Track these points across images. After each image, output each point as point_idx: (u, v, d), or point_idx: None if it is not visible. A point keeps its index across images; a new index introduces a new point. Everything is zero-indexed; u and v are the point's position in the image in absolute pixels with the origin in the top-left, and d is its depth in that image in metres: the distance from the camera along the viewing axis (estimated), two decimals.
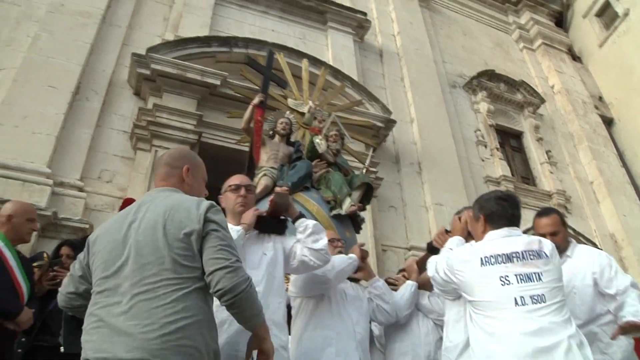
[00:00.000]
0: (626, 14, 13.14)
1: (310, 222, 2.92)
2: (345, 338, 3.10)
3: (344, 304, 3.28)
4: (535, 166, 10.93)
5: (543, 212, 3.45)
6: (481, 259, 2.43)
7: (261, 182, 5.31)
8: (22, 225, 3.39)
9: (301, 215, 2.97)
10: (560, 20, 15.00)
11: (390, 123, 8.62)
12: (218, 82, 7.21)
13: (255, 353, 2.07)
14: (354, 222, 5.44)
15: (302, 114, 6.42)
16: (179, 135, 6.74)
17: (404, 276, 3.85)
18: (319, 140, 5.73)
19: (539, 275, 2.33)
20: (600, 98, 13.56)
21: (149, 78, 7.03)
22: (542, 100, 11.98)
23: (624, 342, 2.91)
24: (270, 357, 2.00)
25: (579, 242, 6.66)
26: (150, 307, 1.73)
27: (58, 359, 3.43)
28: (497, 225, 2.58)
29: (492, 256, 2.41)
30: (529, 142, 11.29)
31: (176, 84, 7.05)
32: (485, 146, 10.49)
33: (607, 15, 13.93)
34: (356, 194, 5.54)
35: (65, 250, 3.77)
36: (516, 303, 2.26)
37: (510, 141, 11.32)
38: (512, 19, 14.31)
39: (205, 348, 1.77)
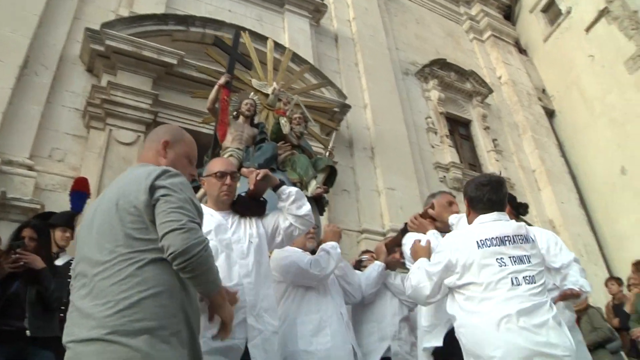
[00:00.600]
0: (569, 12, 13.69)
1: (293, 189, 2.91)
2: (336, 320, 3.20)
3: (330, 287, 3.41)
4: (482, 154, 11.33)
5: None
6: (477, 242, 2.49)
7: None
8: None
9: (282, 183, 2.94)
10: (509, 14, 15.48)
11: (345, 108, 8.73)
12: (175, 62, 7.07)
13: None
14: (318, 204, 5.53)
15: (266, 95, 6.43)
16: (134, 114, 6.60)
17: (372, 257, 3.99)
18: (283, 122, 5.77)
19: (528, 258, 2.46)
20: (544, 90, 14.13)
21: (103, 55, 6.83)
22: (490, 91, 12.39)
23: (568, 315, 3.14)
24: (228, 325, 1.98)
25: None
26: (107, 285, 1.70)
27: (23, 343, 3.37)
28: (477, 210, 2.66)
29: (486, 239, 2.48)
30: (477, 131, 11.67)
31: (131, 61, 6.87)
32: (436, 133, 10.78)
33: (552, 12, 14.46)
34: (321, 177, 5.64)
35: (27, 232, 3.65)
36: (512, 283, 2.36)
37: (459, 129, 11.66)
38: (464, 10, 14.65)
39: (168, 319, 1.70)
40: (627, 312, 6.44)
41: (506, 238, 2.49)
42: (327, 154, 6.75)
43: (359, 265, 4.45)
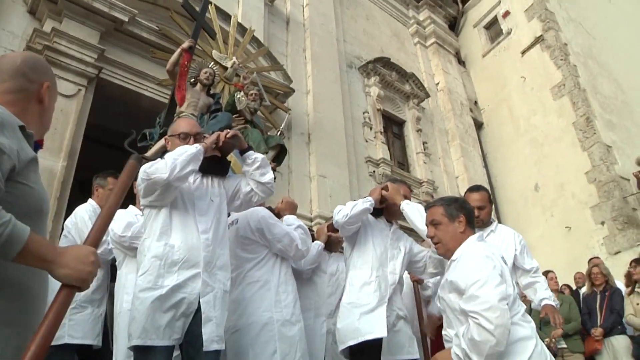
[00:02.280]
0: (509, 33, 14.51)
1: (259, 156, 2.94)
2: (296, 292, 3.36)
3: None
4: (411, 154, 11.80)
5: (474, 188, 3.81)
6: (502, 257, 2.58)
7: None
8: None
9: (250, 148, 2.97)
10: (454, 24, 16.10)
11: (288, 91, 8.84)
12: (126, 19, 6.87)
13: None
14: None
15: (225, 68, 6.44)
16: (77, 66, 6.36)
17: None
18: (240, 96, 5.82)
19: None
20: (476, 102, 14.86)
21: None
22: (427, 95, 12.87)
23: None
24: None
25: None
26: None
27: None
28: (472, 228, 2.73)
29: (501, 257, 2.58)
30: (409, 132, 12.12)
31: (80, 11, 6.59)
32: (371, 128, 11.10)
33: (494, 30, 15.25)
34: (271, 154, 5.75)
35: None
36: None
37: (393, 127, 12.06)
38: (412, 14, 15.08)
39: None
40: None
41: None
42: (278, 133, 6.86)
43: None
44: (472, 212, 2.80)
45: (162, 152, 2.93)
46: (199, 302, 2.51)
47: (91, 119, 6.43)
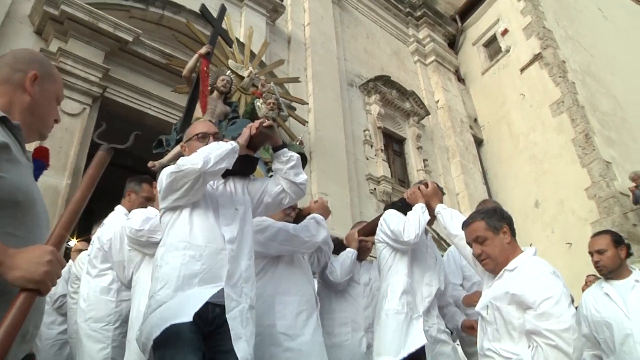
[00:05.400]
0: (508, 51, 14.68)
1: (294, 154, 2.67)
2: (311, 302, 3.05)
3: (308, 270, 3.25)
4: (412, 171, 11.86)
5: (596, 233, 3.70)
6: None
7: None
8: None
9: (284, 145, 2.70)
10: (454, 42, 16.27)
11: (289, 109, 8.93)
12: (130, 39, 7.04)
13: None
14: None
15: (241, 77, 6.43)
16: (82, 85, 6.51)
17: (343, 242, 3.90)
18: (259, 104, 5.83)
19: None
20: (475, 120, 14.96)
21: (56, 19, 6.69)
22: (427, 113, 12.98)
23: None
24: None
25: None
26: None
27: None
28: (514, 236, 2.61)
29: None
30: (410, 149, 12.20)
31: (86, 31, 6.77)
32: (372, 146, 11.19)
33: (493, 48, 15.42)
34: None
35: None
36: None
37: (393, 145, 12.14)
38: (412, 32, 15.26)
39: None
40: None
41: None
42: (298, 142, 6.84)
43: None
44: (512, 219, 2.64)
45: (176, 160, 2.86)
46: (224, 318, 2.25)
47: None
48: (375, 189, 10.53)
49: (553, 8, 14.84)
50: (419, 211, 3.19)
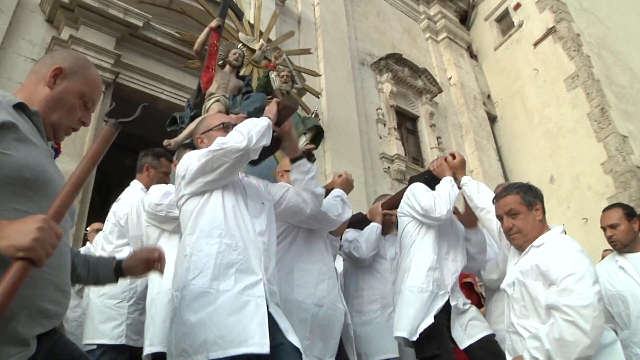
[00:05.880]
0: (520, 25, 14.43)
1: (312, 166, 2.66)
2: (333, 275, 3.00)
3: (327, 240, 3.16)
4: (425, 149, 11.81)
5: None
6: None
7: (213, 107, 5.21)
8: None
9: (301, 157, 2.65)
10: (465, 19, 16.05)
11: (301, 90, 8.90)
12: (141, 24, 7.05)
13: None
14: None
15: (253, 51, 6.36)
16: None
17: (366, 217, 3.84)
18: (274, 76, 5.78)
19: None
20: (489, 96, 14.81)
21: (66, 7, 6.70)
22: (440, 90, 12.87)
23: None
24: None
25: None
26: None
27: None
28: (545, 215, 2.61)
29: None
30: (423, 127, 12.14)
31: (96, 18, 6.78)
32: (384, 125, 11.15)
33: (505, 23, 15.17)
34: (309, 135, 5.67)
35: None
36: None
37: (406, 123, 12.08)
38: (423, 9, 15.06)
39: None
40: None
41: None
42: (313, 115, 6.78)
43: None
44: (543, 198, 2.63)
45: (190, 140, 2.77)
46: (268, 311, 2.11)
47: None
48: (389, 167, 10.51)
49: None
50: (448, 185, 3.13)
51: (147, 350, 2.72)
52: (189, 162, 2.31)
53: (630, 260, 3.37)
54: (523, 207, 2.55)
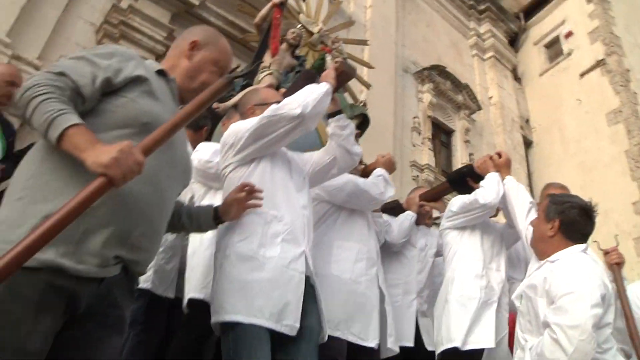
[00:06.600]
0: (569, 54, 14.28)
1: (351, 122, 2.56)
2: (373, 257, 2.98)
3: (371, 222, 3.16)
4: (457, 164, 11.74)
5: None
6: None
7: (265, 79, 5.34)
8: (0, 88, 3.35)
9: (341, 111, 2.55)
10: (514, 40, 15.94)
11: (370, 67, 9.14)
12: (197, 2, 7.28)
13: None
14: None
15: (311, 33, 6.51)
16: (147, 42, 6.77)
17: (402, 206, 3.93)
18: (329, 59, 5.92)
19: None
20: (527, 120, 14.70)
21: None
22: (479, 107, 12.84)
23: None
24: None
25: None
26: None
27: None
28: (570, 238, 2.43)
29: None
30: (457, 141, 12.14)
31: None
32: (419, 133, 11.19)
33: (554, 49, 15.02)
34: (355, 122, 5.80)
35: None
36: None
37: (441, 135, 12.10)
38: (473, 26, 15.03)
39: (9, 227, 1.37)
40: None
41: None
42: (362, 104, 6.89)
43: None
44: (573, 222, 2.44)
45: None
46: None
47: None
48: (417, 175, 10.55)
49: (624, 13, 14.30)
50: (495, 179, 3.12)
51: (189, 295, 2.74)
52: (239, 129, 2.35)
53: None
54: (542, 214, 2.56)
